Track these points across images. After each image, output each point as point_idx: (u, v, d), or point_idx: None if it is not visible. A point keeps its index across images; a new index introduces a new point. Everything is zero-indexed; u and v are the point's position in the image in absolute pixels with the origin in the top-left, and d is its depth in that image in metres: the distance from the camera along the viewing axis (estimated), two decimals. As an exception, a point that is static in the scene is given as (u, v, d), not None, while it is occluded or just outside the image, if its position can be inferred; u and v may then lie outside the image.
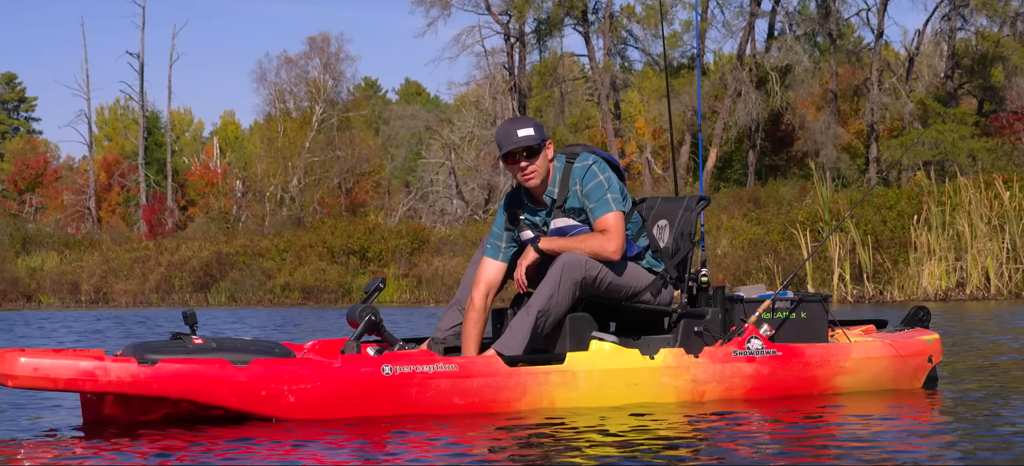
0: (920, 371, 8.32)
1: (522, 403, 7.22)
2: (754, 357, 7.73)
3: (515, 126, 7.54)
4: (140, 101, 64.08)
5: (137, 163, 64.62)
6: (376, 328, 7.23)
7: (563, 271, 7.29)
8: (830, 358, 7.97)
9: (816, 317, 8.03)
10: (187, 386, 6.61)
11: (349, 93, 65.32)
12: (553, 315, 7.32)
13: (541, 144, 7.50)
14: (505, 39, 56.46)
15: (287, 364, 6.84)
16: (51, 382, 6.47)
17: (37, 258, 44.80)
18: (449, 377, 7.07)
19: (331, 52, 62.08)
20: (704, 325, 7.68)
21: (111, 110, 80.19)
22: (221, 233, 50.25)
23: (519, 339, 7.28)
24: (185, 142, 79.48)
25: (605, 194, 7.47)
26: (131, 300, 40.15)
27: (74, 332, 19.20)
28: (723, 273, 31.61)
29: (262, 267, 39.56)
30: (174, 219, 60.20)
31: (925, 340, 8.38)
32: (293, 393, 6.77)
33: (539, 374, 7.26)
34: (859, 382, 8.08)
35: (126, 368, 6.54)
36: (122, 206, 67.87)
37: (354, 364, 6.94)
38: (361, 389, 6.91)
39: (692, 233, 7.96)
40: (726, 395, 7.67)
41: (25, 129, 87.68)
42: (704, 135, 53.01)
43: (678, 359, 7.57)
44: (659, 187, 51.10)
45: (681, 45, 56.64)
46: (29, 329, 20.85)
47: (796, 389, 7.87)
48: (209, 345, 6.79)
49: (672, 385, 7.54)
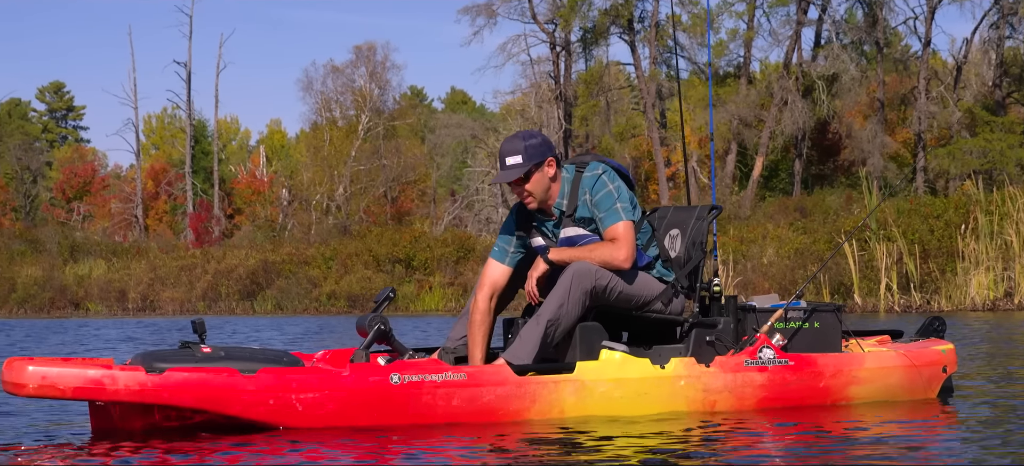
0: (934, 381, 8.24)
1: (532, 413, 7.18)
2: (766, 367, 7.66)
3: (506, 154, 7.52)
4: (187, 110, 64.37)
5: (184, 171, 64.88)
6: (386, 337, 7.17)
7: (573, 280, 7.26)
8: (843, 368, 7.90)
9: (829, 327, 7.96)
10: (195, 395, 6.58)
11: (395, 102, 65.41)
12: (563, 324, 7.29)
13: (533, 169, 7.47)
14: (551, 48, 56.44)
15: (295, 373, 6.80)
16: (59, 391, 6.45)
17: (85, 266, 45.04)
18: (458, 386, 7.03)
19: (377, 61, 62.22)
20: (716, 334, 7.63)
21: (158, 119, 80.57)
22: (267, 241, 50.42)
23: (529, 348, 7.24)
24: (232, 151, 79.76)
25: (614, 203, 7.44)
26: (178, 308, 40.31)
27: (107, 342, 19.26)
28: (769, 282, 31.49)
29: (308, 275, 39.65)
30: (221, 227, 60.40)
31: (940, 350, 8.29)
32: (301, 402, 6.74)
33: (549, 383, 7.21)
34: (872, 392, 8.00)
35: (134, 377, 6.52)
36: (169, 214, 68.16)
37: (362, 373, 6.91)
38: (369, 398, 6.87)
39: (704, 242, 7.90)
40: (738, 405, 7.60)
41: (73, 138, 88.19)
42: (750, 144, 52.94)
43: (689, 368, 7.52)
44: (705, 196, 50.95)
45: (726, 54, 56.51)
46: (67, 336, 20.94)
47: (808, 399, 7.80)
48: (217, 354, 6.75)
49: (683, 395, 7.50)
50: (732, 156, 53.38)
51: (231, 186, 68.15)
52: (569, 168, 7.62)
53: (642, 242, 7.62)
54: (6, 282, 43.25)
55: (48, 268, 44.43)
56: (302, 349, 7.58)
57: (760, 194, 51.97)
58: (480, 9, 54.66)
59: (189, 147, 64.24)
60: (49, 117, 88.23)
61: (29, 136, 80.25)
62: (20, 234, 52.31)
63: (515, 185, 7.52)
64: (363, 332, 7.18)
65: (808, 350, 7.86)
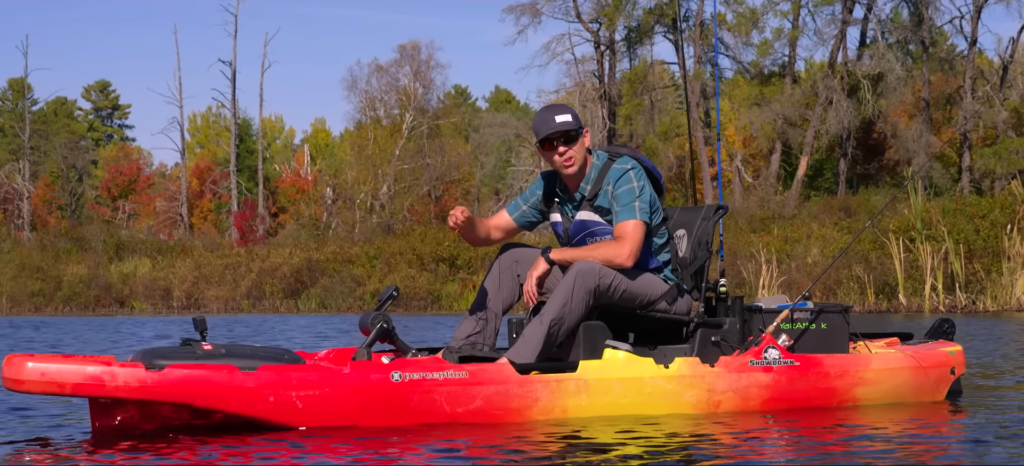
0: (942, 383, 8.17)
1: (534, 412, 7.11)
2: (771, 367, 7.60)
3: (553, 113, 7.56)
4: (232, 108, 64.58)
5: (229, 170, 65.09)
6: (389, 336, 7.14)
7: (577, 279, 7.22)
8: (849, 369, 7.84)
9: (837, 328, 7.90)
10: (194, 391, 6.53)
11: (439, 101, 65.44)
12: (567, 323, 7.24)
13: (578, 131, 7.51)
14: (595, 47, 56.39)
15: (295, 370, 6.75)
16: (58, 387, 6.41)
17: (130, 264, 45.25)
18: (460, 385, 6.97)
19: (421, 60, 62.26)
20: (721, 335, 7.57)
21: (203, 117, 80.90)
22: (311, 240, 50.54)
23: (532, 348, 7.19)
24: (276, 149, 80.00)
25: (633, 200, 7.41)
26: (222, 306, 40.45)
27: (141, 341, 19.31)
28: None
29: (352, 274, 39.74)
30: (265, 226, 60.58)
31: (948, 352, 8.21)
32: (301, 399, 6.68)
33: (551, 382, 7.15)
34: (879, 394, 7.93)
35: (133, 373, 6.48)
36: (214, 213, 68.39)
37: (363, 371, 6.85)
38: (370, 396, 6.81)
39: (709, 242, 7.82)
40: (742, 406, 7.54)
41: (119, 136, 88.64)
42: (795, 143, 52.73)
43: (693, 368, 7.45)
44: (749, 195, 50.80)
45: (772, 53, 56.34)
46: (101, 334, 21.02)
47: (814, 400, 7.73)
48: (218, 351, 6.70)
49: (687, 395, 7.44)
50: (776, 156, 53.19)
51: (275, 185, 68.35)
52: (601, 155, 7.61)
53: (655, 247, 7.59)
54: (52, 280, 43.50)
55: (93, 266, 44.66)
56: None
57: (804, 194, 51.78)
58: (524, 8, 54.66)
59: (234, 146, 64.44)
60: (95, 116, 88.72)
61: (75, 135, 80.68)
62: (66, 232, 52.60)
63: (547, 152, 7.54)
64: (366, 330, 7.14)
65: (814, 351, 7.80)
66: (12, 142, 75.61)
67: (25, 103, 71.70)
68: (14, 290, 43.20)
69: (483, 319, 7.55)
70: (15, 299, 42.74)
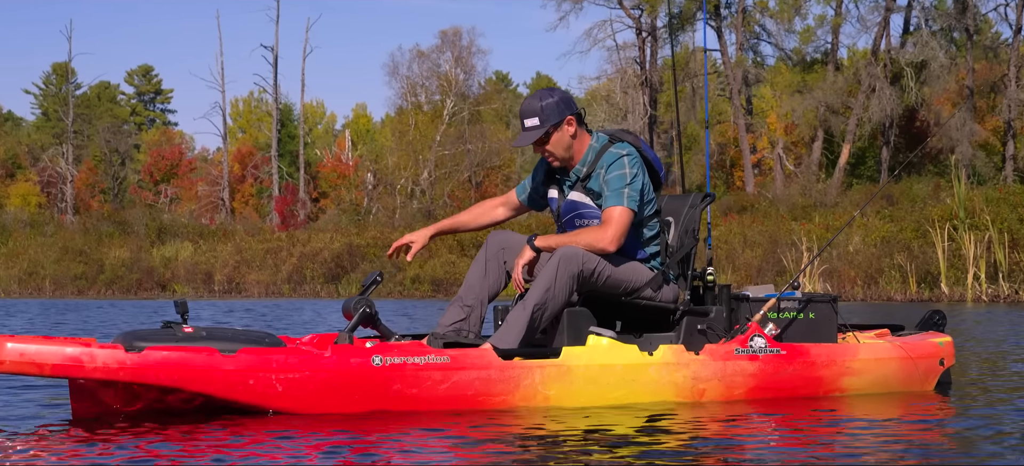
0: (931, 374, 8.06)
1: (516, 397, 6.99)
2: (757, 355, 7.46)
3: (524, 116, 7.49)
4: (274, 93, 64.76)
5: (270, 155, 65.29)
6: (372, 321, 7.06)
7: (560, 264, 7.12)
8: (836, 358, 7.73)
9: (825, 318, 7.77)
10: (173, 374, 6.46)
11: (480, 87, 65.50)
12: (550, 309, 7.14)
13: (552, 130, 7.42)
14: (637, 33, 56.31)
15: (275, 353, 6.66)
16: (37, 367, 6.35)
17: (172, 248, 45.45)
18: (441, 369, 6.85)
19: (463, 46, 62.31)
20: (708, 323, 7.44)
21: (245, 102, 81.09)
22: (352, 225, 50.63)
23: (514, 333, 7.08)
24: (317, 134, 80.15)
25: (623, 187, 7.31)
26: (263, 290, 40.57)
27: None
28: (855, 271, 31.26)
29: (392, 259, 39.80)
30: (306, 211, 60.74)
31: (937, 343, 8.10)
32: (281, 382, 6.60)
33: (533, 368, 7.02)
34: (867, 384, 7.82)
35: (112, 354, 6.40)
36: (255, 197, 68.60)
37: (344, 354, 6.74)
38: (350, 380, 6.71)
39: (696, 230, 7.70)
40: (727, 394, 7.42)
41: (161, 121, 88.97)
42: (837, 131, 52.56)
43: (678, 356, 7.32)
44: (791, 183, 50.65)
45: (814, 40, 56.14)
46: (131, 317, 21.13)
47: (800, 389, 7.62)
48: (199, 334, 6.63)
49: (671, 382, 7.30)
50: (818, 143, 53.01)
51: (317, 170, 68.49)
52: (601, 137, 7.52)
53: (645, 237, 7.51)
54: (94, 263, 43.74)
55: (136, 250, 44.88)
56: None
57: (846, 182, 51.60)
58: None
59: (275, 131, 64.61)
60: (138, 100, 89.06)
61: (118, 119, 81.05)
62: (108, 216, 52.90)
63: (536, 147, 7.48)
64: (348, 315, 7.07)
65: (802, 341, 7.70)
66: (56, 126, 76.01)
67: (69, 87, 72.08)
68: (57, 273, 43.44)
69: (469, 307, 7.44)
70: (58, 282, 42.98)
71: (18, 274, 43.90)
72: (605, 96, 58.56)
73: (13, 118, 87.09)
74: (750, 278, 33.97)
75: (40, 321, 19.60)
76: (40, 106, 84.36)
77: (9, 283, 43.39)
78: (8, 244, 47.51)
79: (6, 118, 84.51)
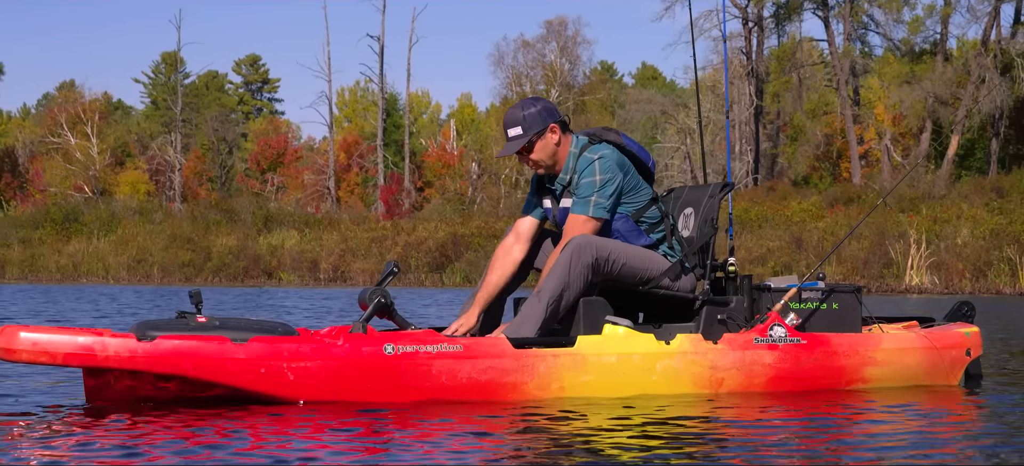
0: (957, 365, 7.86)
1: (530, 387, 6.90)
2: (776, 345, 7.33)
3: (507, 126, 7.40)
4: (379, 83, 65.08)
5: (375, 144, 65.61)
6: (387, 311, 6.95)
7: (573, 255, 7.03)
8: (858, 348, 7.54)
9: (848, 308, 7.60)
10: (185, 363, 6.46)
11: (585, 77, 65.45)
12: (565, 300, 7.06)
13: (535, 138, 7.32)
14: (743, 23, 56.01)
15: (287, 342, 6.63)
16: (50, 357, 6.37)
17: (278, 236, 45.80)
18: (453, 358, 6.79)
19: (568, 36, 62.32)
20: (728, 313, 7.31)
21: (351, 92, 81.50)
22: (456, 214, 50.78)
23: (530, 325, 7.01)
24: (422, 124, 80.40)
25: (590, 194, 7.21)
26: (368, 279, 40.77)
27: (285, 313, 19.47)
28: (963, 264, 30.94)
29: (496, 248, 39.86)
30: (411, 200, 60.96)
31: (963, 333, 7.91)
32: (293, 371, 6.56)
33: (548, 357, 6.93)
34: (890, 375, 7.64)
35: (124, 344, 6.42)
36: (360, 186, 68.96)
37: (356, 343, 6.69)
38: (363, 368, 6.66)
39: (714, 219, 7.59)
40: (746, 384, 7.28)
41: (268, 110, 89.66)
42: (945, 122, 52.02)
43: (695, 345, 7.19)
44: (898, 175, 50.17)
45: (923, 30, 55.58)
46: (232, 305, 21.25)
47: (821, 380, 7.46)
48: (212, 323, 6.63)
49: (688, 372, 7.18)
50: (926, 134, 52.48)
51: (421, 159, 68.72)
52: (581, 140, 7.41)
53: (645, 226, 7.37)
54: (202, 251, 44.18)
55: (242, 238, 45.28)
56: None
57: (955, 173, 51.07)
58: (672, -16, 54.47)
59: (381, 120, 64.91)
60: (245, 89, 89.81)
61: (225, 108, 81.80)
62: (216, 204, 53.39)
63: (520, 156, 7.39)
64: (364, 305, 6.97)
65: (824, 332, 7.54)
66: (165, 115, 76.86)
67: (177, 77, 72.83)
68: (165, 260, 43.91)
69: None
70: (166, 269, 43.44)
71: (127, 261, 44.41)
72: (710, 86, 58.32)
73: (123, 107, 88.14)
74: (856, 270, 33.72)
75: (146, 305, 19.81)
76: (149, 95, 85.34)
77: (118, 270, 43.91)
78: (117, 231, 48.09)
79: (116, 107, 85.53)
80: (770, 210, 41.95)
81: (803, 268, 35.41)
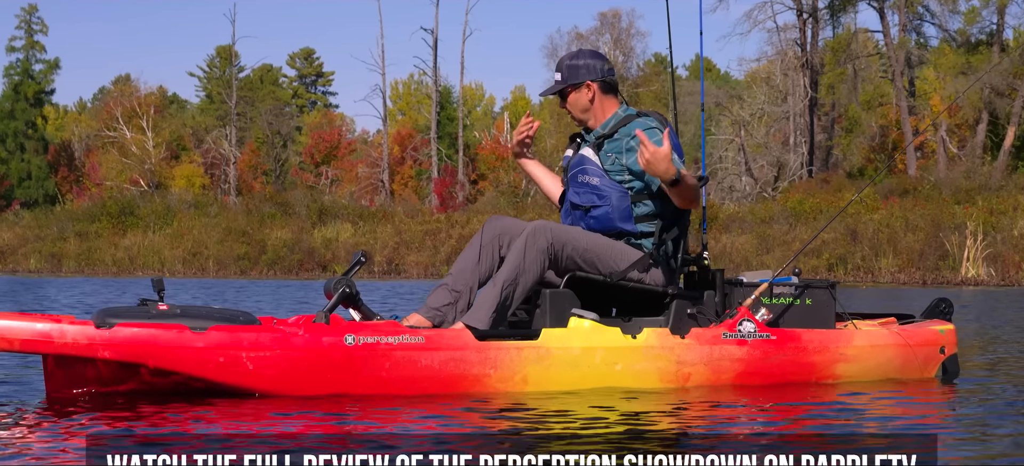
0: (931, 362, 7.75)
1: (493, 379, 6.79)
2: (745, 340, 7.22)
3: (557, 69, 7.48)
4: (433, 76, 65.11)
5: (429, 137, 65.68)
6: (353, 302, 6.90)
7: (528, 239, 6.97)
8: (829, 344, 7.45)
9: (822, 305, 7.50)
10: (143, 350, 6.37)
11: (639, 69, 65.34)
12: (521, 285, 6.94)
13: (569, 89, 7.38)
14: (798, 14, 55.79)
15: (246, 331, 6.54)
16: (7, 343, 6.28)
17: (332, 229, 45.92)
18: (415, 349, 6.68)
19: (622, 28, 62.24)
20: (698, 308, 7.21)
21: (405, 85, 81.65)
22: (511, 207, 50.76)
23: (484, 312, 6.87)
24: (476, 117, 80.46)
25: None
26: (422, 272, 40.84)
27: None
28: (1020, 255, 30.74)
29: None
30: (465, 193, 61.01)
31: (937, 330, 7.80)
32: (252, 360, 6.47)
33: (511, 349, 6.83)
34: (862, 371, 7.52)
35: (82, 331, 6.34)
36: (414, 179, 69.06)
37: (316, 332, 6.60)
38: (323, 358, 6.56)
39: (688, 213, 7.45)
40: (714, 380, 7.16)
41: (322, 103, 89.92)
42: (1002, 113, 51.68)
43: (662, 339, 7.09)
44: (954, 166, 49.88)
45: (979, 21, 55.22)
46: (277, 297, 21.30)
47: (792, 376, 7.35)
48: (173, 311, 6.53)
49: (654, 367, 7.06)
50: (983, 125, 52.16)
51: (475, 152, 68.75)
52: (630, 110, 7.39)
53: (640, 214, 7.25)
54: (257, 244, 44.35)
55: (297, 231, 45.43)
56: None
57: (1012, 165, 50.73)
58: (726, -24, 54.30)
59: (435, 113, 64.98)
60: (299, 83, 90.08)
61: (280, 101, 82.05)
62: (270, 197, 53.59)
63: (560, 101, 7.49)
64: (329, 295, 6.91)
65: (796, 328, 7.44)
66: (219, 108, 77.20)
67: (232, 70, 73.10)
68: (220, 253, 44.12)
69: (457, 292, 7.17)
70: (221, 262, 43.65)
71: (182, 254, 44.63)
72: (765, 78, 58.12)
73: (178, 101, 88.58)
74: (911, 263, 33.56)
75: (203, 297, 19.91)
76: (204, 89, 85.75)
77: (174, 263, 44.14)
78: (173, 225, 48.33)
79: (171, 101, 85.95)
80: (824, 202, 41.78)
81: (858, 260, 35.25)
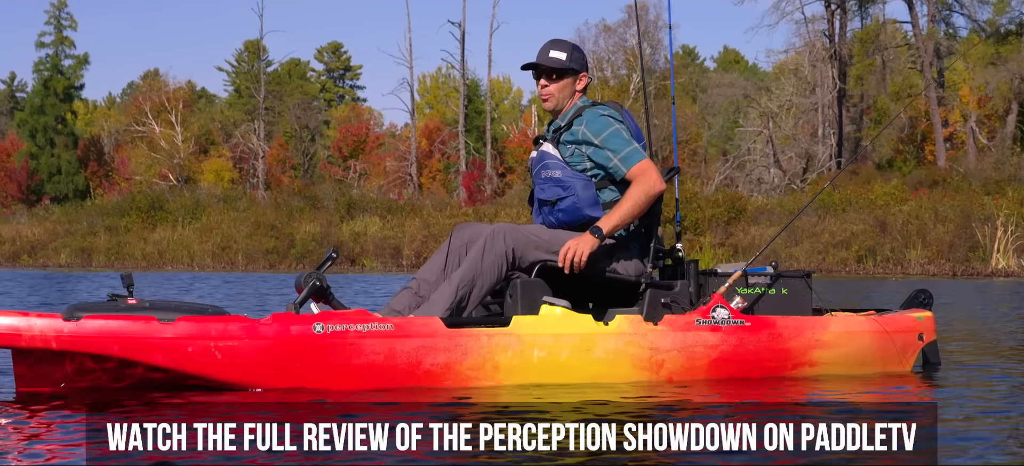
0: (909, 350, 7.71)
1: (464, 368, 6.75)
2: (719, 326, 7.17)
3: (551, 46, 7.36)
4: (461, 69, 65.13)
5: (457, 130, 65.70)
6: (323, 295, 6.88)
7: (486, 242, 6.95)
8: (805, 331, 7.38)
9: (798, 294, 7.47)
10: (112, 343, 6.36)
11: (666, 61, 65.21)
12: (478, 289, 6.94)
13: (567, 72, 7.33)
14: (826, 6, 55.64)
15: (215, 321, 6.52)
16: None
17: (360, 223, 45.98)
18: (385, 337, 6.66)
19: (649, 20, 62.10)
20: (672, 297, 7.17)
21: (433, 78, 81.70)
22: (537, 200, 50.76)
23: (438, 308, 6.87)
24: (504, 110, 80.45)
25: (628, 142, 7.12)
26: (450, 264, 40.81)
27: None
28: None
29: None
30: (493, 186, 61.02)
31: (915, 318, 7.76)
32: (220, 350, 6.44)
33: (482, 337, 6.79)
34: (838, 358, 7.46)
35: (50, 324, 6.32)
36: (442, 173, 69.11)
37: (285, 322, 6.59)
38: (292, 347, 6.55)
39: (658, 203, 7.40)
40: (687, 366, 7.09)
41: (350, 97, 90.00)
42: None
43: (635, 326, 7.03)
44: (983, 157, 49.71)
45: (1009, 11, 55.01)
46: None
47: (767, 362, 7.29)
48: (142, 305, 6.52)
49: (627, 354, 7.00)
50: (1012, 116, 51.98)
51: (503, 145, 68.76)
52: (586, 101, 7.38)
53: (607, 201, 7.21)
54: (285, 238, 44.42)
55: (325, 224, 45.50)
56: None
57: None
58: (753, -33, 54.19)
59: (462, 106, 65.00)
60: (327, 77, 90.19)
61: (308, 95, 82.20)
62: (299, 191, 53.67)
63: (540, 77, 7.36)
64: (300, 289, 6.89)
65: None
66: (248, 103, 77.32)
67: (260, 65, 73.20)
68: (249, 247, 44.21)
69: (421, 297, 7.14)
70: (250, 256, 43.73)
71: (211, 248, 44.74)
72: (793, 70, 58.00)
73: (206, 95, 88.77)
74: (941, 254, 33.46)
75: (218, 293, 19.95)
76: (232, 83, 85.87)
77: (203, 257, 44.24)
78: (202, 219, 48.44)
79: (200, 95, 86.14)
80: (854, 194, 41.69)
81: (887, 251, 35.16)
